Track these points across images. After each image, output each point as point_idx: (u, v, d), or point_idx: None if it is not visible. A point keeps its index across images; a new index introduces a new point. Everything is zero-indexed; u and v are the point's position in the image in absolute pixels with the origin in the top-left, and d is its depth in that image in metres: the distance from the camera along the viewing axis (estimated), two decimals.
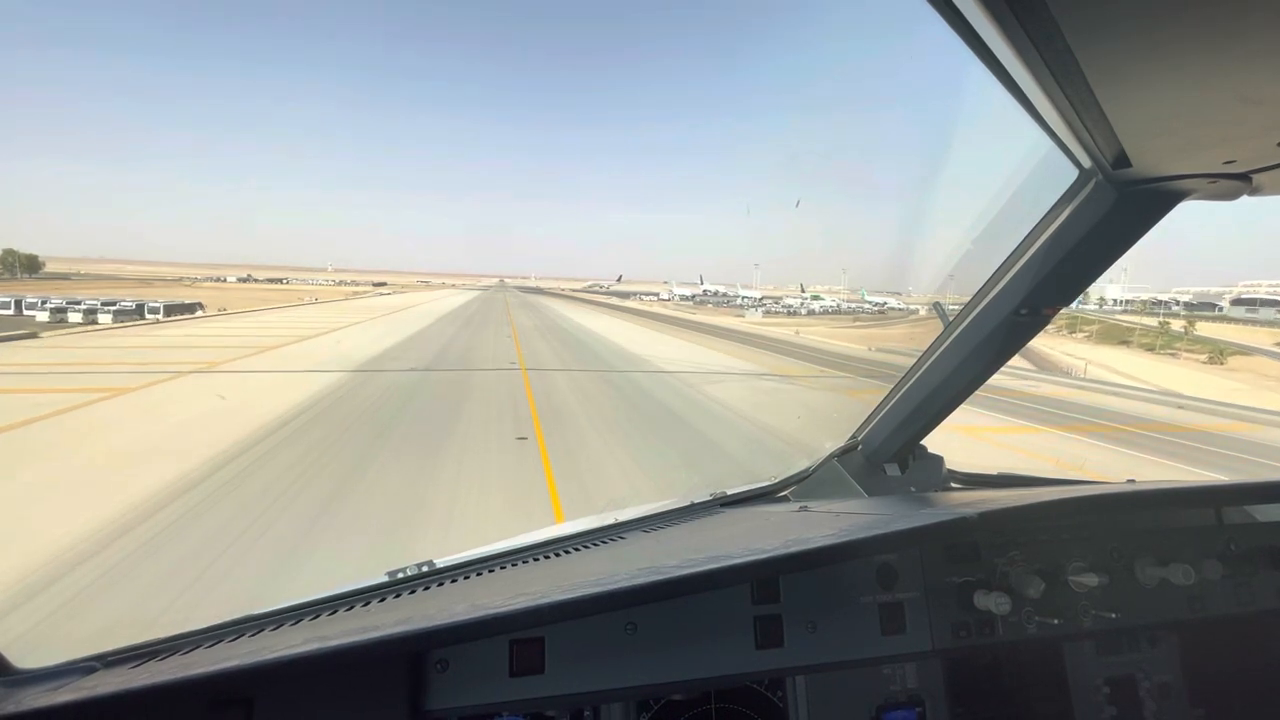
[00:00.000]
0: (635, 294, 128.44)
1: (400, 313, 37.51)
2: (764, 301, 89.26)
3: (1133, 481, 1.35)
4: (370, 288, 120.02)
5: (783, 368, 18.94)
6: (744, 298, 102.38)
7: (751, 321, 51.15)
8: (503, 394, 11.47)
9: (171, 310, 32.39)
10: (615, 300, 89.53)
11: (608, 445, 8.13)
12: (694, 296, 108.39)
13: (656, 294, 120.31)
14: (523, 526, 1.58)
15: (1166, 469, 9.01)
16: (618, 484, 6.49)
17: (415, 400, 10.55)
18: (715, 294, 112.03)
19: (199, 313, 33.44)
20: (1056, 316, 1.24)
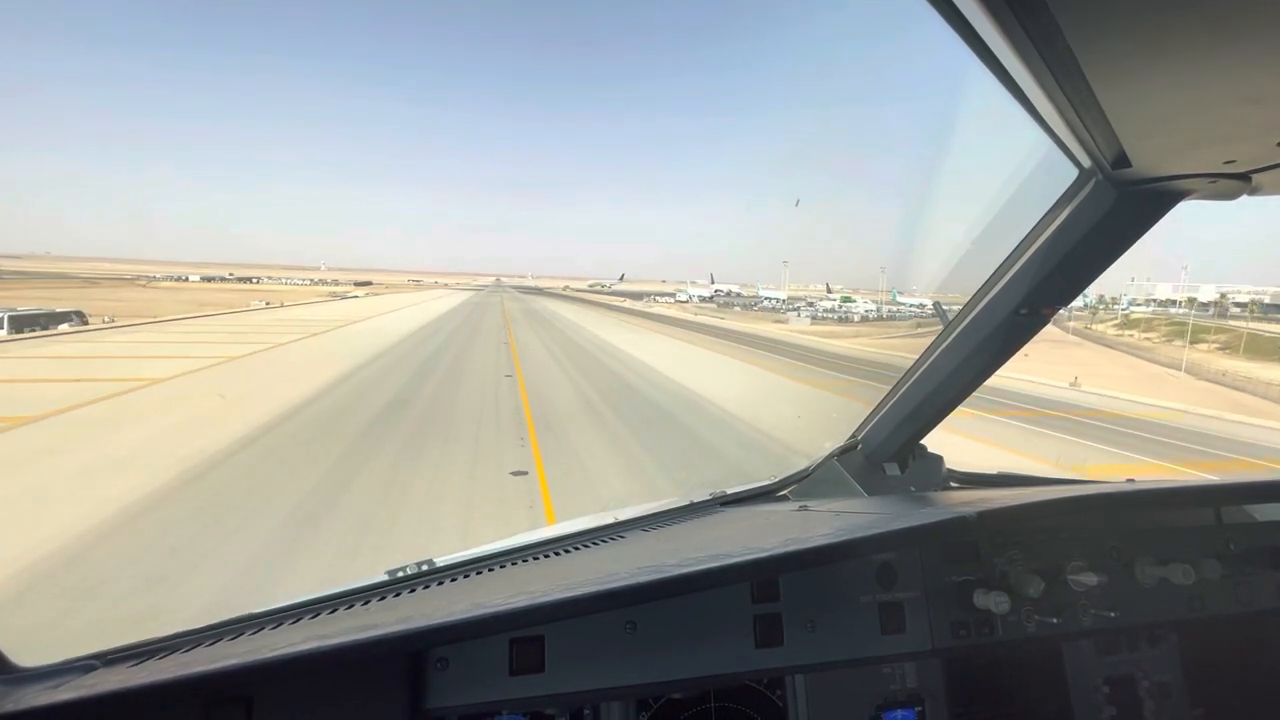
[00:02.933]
0: (649, 295, 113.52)
1: (345, 329, 24.38)
2: (797, 304, 77.03)
3: (1132, 481, 1.36)
4: (352, 287, 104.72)
5: None
6: (770, 299, 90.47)
7: (799, 330, 40.27)
8: None
9: (23, 323, 21.20)
10: (631, 304, 77.42)
11: None
12: (713, 297, 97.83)
13: (673, 295, 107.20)
14: None
15: None
16: None
17: None
18: (733, 294, 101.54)
19: (63, 327, 22.52)
20: (1159, 324, 1.21)
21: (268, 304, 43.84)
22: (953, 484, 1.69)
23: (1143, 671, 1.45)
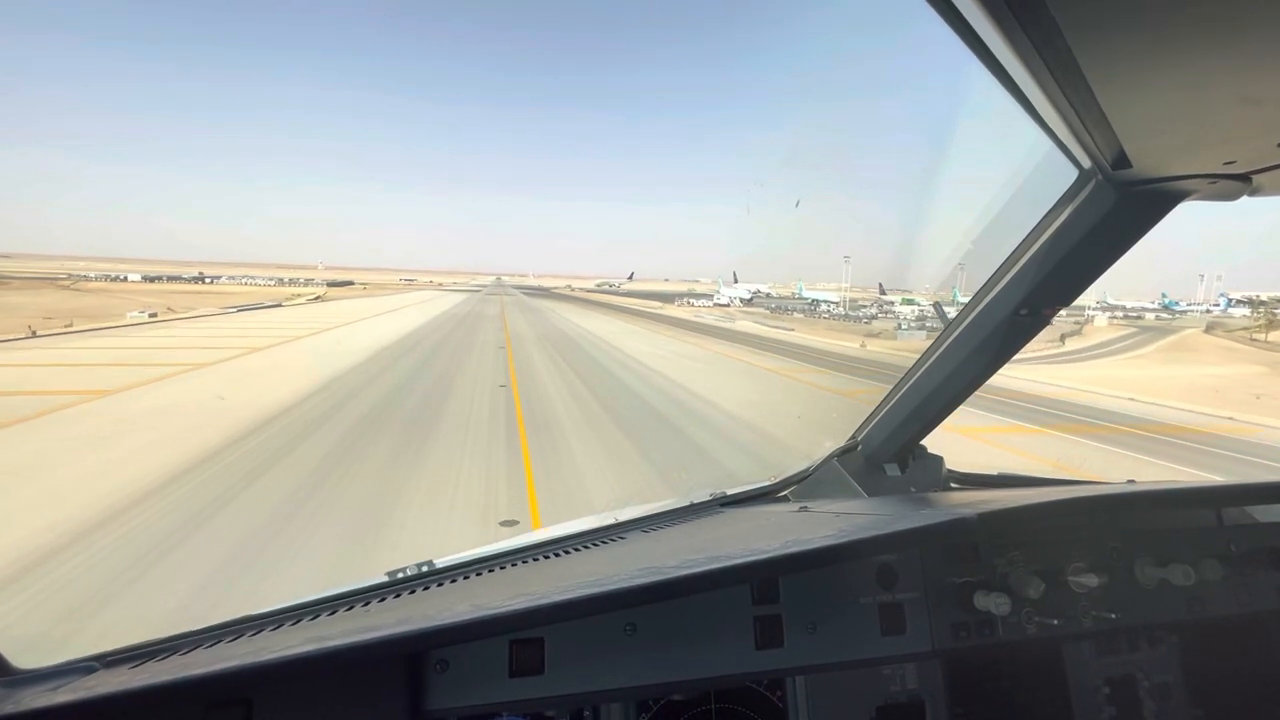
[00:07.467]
0: (682, 297, 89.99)
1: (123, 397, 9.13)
2: (864, 308, 59.61)
3: (1133, 482, 1.35)
4: (323, 288, 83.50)
5: None
6: (826, 302, 72.79)
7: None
8: None
9: None
10: (671, 309, 57.88)
11: None
12: (753, 299, 79.90)
13: (710, 296, 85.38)
14: None
15: None
16: None
17: None
18: (763, 295, 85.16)
19: None
20: None
21: (153, 315, 28.66)
22: (953, 485, 1.69)
23: (1143, 672, 1.45)
